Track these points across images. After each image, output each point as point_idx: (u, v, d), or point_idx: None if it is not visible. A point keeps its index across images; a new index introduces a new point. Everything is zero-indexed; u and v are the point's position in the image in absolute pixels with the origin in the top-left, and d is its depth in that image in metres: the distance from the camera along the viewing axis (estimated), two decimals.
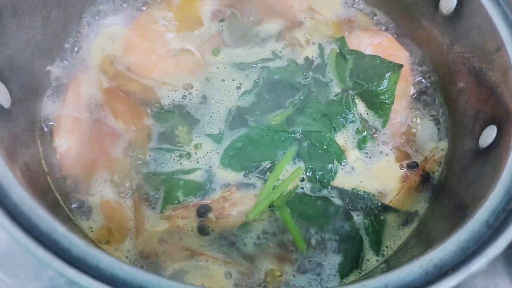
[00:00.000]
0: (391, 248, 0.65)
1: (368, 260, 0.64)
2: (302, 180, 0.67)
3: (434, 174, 0.69)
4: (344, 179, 0.68)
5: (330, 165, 0.68)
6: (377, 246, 0.64)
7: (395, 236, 0.66)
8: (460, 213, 0.56)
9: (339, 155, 0.69)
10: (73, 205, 0.62)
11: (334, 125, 0.70)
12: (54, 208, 0.58)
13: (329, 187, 0.67)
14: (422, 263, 0.43)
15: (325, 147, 0.69)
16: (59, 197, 0.61)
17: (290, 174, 0.66)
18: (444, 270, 0.43)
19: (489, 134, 0.59)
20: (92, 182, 0.64)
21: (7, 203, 0.42)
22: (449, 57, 0.72)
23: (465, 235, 0.45)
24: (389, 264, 0.63)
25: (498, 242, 0.43)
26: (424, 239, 0.62)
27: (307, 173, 0.67)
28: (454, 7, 0.68)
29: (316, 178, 0.67)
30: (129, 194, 0.64)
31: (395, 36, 0.80)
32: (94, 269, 0.39)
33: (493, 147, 0.57)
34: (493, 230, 0.45)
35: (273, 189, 0.65)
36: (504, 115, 0.57)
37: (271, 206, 0.64)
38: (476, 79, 0.66)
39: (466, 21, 0.67)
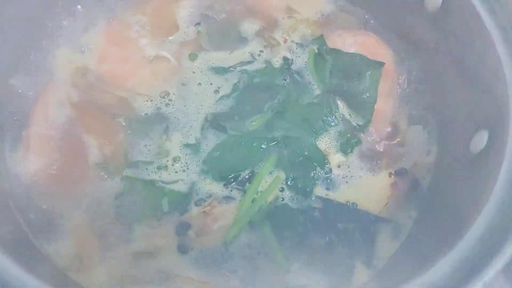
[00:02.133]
0: (382, 259, 0.61)
1: (358, 274, 0.60)
2: (282, 190, 0.63)
3: (423, 181, 0.66)
4: (327, 188, 0.64)
5: (312, 173, 0.64)
6: (367, 258, 0.61)
7: (385, 248, 0.62)
8: (451, 224, 0.53)
9: (321, 161, 0.65)
10: (39, 230, 0.58)
11: (314, 130, 0.67)
12: (15, 234, 0.54)
13: (312, 197, 0.63)
14: None
15: (306, 153, 0.65)
16: (22, 221, 0.57)
17: (269, 184, 0.63)
18: None
19: (480, 139, 0.56)
20: (62, 205, 0.60)
21: None
22: (436, 57, 0.69)
23: (458, 254, 0.42)
24: (381, 278, 0.59)
25: (495, 262, 0.40)
26: (415, 251, 0.59)
27: (288, 182, 0.64)
28: (440, 4, 0.65)
29: (298, 187, 0.63)
30: (104, 216, 0.60)
31: (379, 35, 0.76)
32: None
33: (484, 153, 0.54)
34: (487, 248, 0.42)
35: (252, 202, 0.61)
36: (496, 118, 0.54)
37: (251, 221, 0.60)
38: (466, 79, 0.63)
39: (453, 18, 0.64)
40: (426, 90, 0.72)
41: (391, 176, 0.66)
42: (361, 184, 0.65)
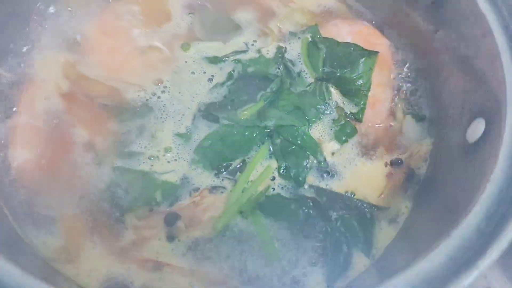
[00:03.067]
0: (379, 249, 0.60)
1: (356, 263, 0.59)
2: (273, 179, 0.62)
3: (419, 171, 0.65)
4: (321, 176, 0.63)
5: (305, 162, 0.63)
6: (365, 247, 0.60)
7: (382, 237, 0.61)
8: (447, 214, 0.52)
9: (315, 149, 0.64)
10: (25, 222, 0.56)
11: (307, 118, 0.65)
12: (1, 226, 0.53)
13: (305, 186, 0.62)
14: (408, 278, 0.39)
15: (299, 142, 0.64)
16: (7, 213, 0.55)
17: (260, 173, 0.61)
18: (433, 285, 0.38)
19: (477, 128, 0.55)
20: (51, 196, 0.59)
21: None
22: (433, 45, 0.68)
23: (454, 243, 0.41)
24: (378, 268, 0.59)
25: (491, 251, 0.39)
26: (412, 241, 0.58)
27: (281, 171, 0.62)
28: None
29: (290, 176, 0.62)
30: (93, 207, 0.59)
31: (375, 24, 0.76)
32: None
33: (481, 142, 0.53)
34: (485, 237, 0.41)
35: (242, 191, 0.60)
36: (493, 106, 0.53)
37: (242, 211, 0.59)
38: (462, 68, 0.62)
39: (450, 7, 0.63)
40: (422, 79, 0.71)
41: (386, 166, 0.65)
42: (356, 173, 0.64)
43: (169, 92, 0.67)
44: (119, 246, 0.56)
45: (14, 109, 0.63)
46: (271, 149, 0.64)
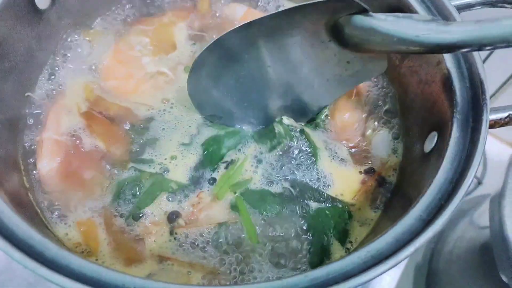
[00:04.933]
0: (354, 243, 0.69)
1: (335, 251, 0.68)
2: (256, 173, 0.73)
3: (390, 179, 0.75)
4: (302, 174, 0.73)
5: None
6: (344, 237, 0.69)
7: (356, 234, 0.70)
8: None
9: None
10: (53, 219, 0.67)
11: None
12: (32, 220, 0.63)
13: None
14: (360, 254, 0.48)
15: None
16: (39, 211, 0.66)
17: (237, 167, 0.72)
18: (380, 260, 0.48)
19: (431, 140, 0.65)
20: (72, 200, 0.69)
21: None
22: (400, 71, 0.79)
23: (400, 228, 0.51)
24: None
25: (427, 233, 0.49)
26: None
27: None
28: None
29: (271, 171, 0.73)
30: (108, 208, 0.69)
31: None
32: (65, 269, 0.44)
33: (434, 151, 0.63)
34: (424, 223, 0.51)
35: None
36: (444, 122, 0.63)
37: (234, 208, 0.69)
38: (423, 90, 0.72)
39: None
40: (393, 99, 0.81)
41: (361, 174, 0.75)
42: (333, 174, 0.73)
43: (175, 107, 0.79)
44: (130, 241, 0.66)
45: (40, 126, 0.74)
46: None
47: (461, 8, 0.73)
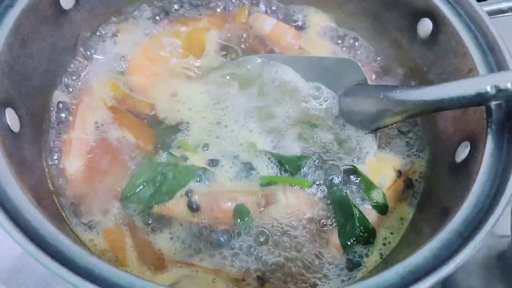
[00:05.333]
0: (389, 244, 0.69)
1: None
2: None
3: (416, 181, 0.74)
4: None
5: None
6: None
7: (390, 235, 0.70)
8: (439, 220, 0.59)
9: None
10: (78, 223, 0.66)
11: None
12: (60, 224, 0.62)
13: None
14: (398, 269, 0.47)
15: None
16: (63, 214, 0.65)
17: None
18: (418, 275, 0.46)
19: (463, 150, 0.63)
20: (97, 204, 0.68)
21: (19, 219, 0.47)
22: (428, 78, 0.77)
23: (438, 243, 0.49)
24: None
25: (467, 249, 0.47)
26: (414, 240, 0.65)
27: None
28: (430, 31, 0.74)
29: None
30: (135, 212, 0.68)
31: (380, 59, 0.86)
32: (97, 277, 0.43)
33: (467, 161, 0.62)
34: (463, 239, 0.49)
35: None
36: (477, 132, 0.62)
37: None
38: None
39: (442, 44, 0.72)
40: None
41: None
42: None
43: (194, 107, 0.78)
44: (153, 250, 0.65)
45: (68, 124, 0.73)
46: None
47: (492, 14, 0.71)
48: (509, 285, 0.95)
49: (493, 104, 0.60)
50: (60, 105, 0.74)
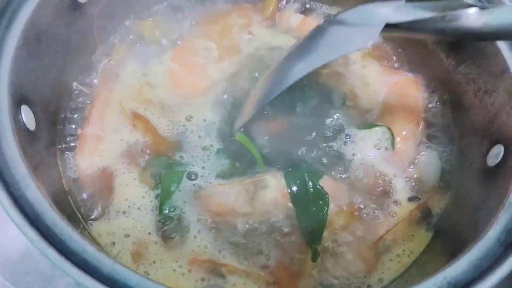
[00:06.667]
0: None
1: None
2: None
3: (434, 209, 0.70)
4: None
5: None
6: None
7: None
8: (469, 229, 0.57)
9: None
10: (92, 222, 0.64)
11: None
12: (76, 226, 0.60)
13: None
14: (436, 281, 0.45)
15: None
16: (79, 215, 0.63)
17: None
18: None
19: (495, 153, 0.61)
20: (112, 201, 0.66)
21: (40, 225, 0.45)
22: (455, 78, 0.74)
23: (477, 253, 0.47)
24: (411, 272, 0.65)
25: (510, 260, 0.45)
26: (442, 248, 0.64)
27: None
28: None
29: None
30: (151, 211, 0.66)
31: (405, 63, 0.83)
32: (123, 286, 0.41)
33: (500, 165, 0.59)
34: (504, 248, 0.47)
35: None
36: (509, 135, 0.59)
37: None
38: (481, 99, 0.68)
39: (471, 44, 0.69)
40: (447, 109, 0.77)
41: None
42: None
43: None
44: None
45: (80, 122, 0.71)
46: None
47: None
48: None
49: None
50: (74, 103, 0.72)
